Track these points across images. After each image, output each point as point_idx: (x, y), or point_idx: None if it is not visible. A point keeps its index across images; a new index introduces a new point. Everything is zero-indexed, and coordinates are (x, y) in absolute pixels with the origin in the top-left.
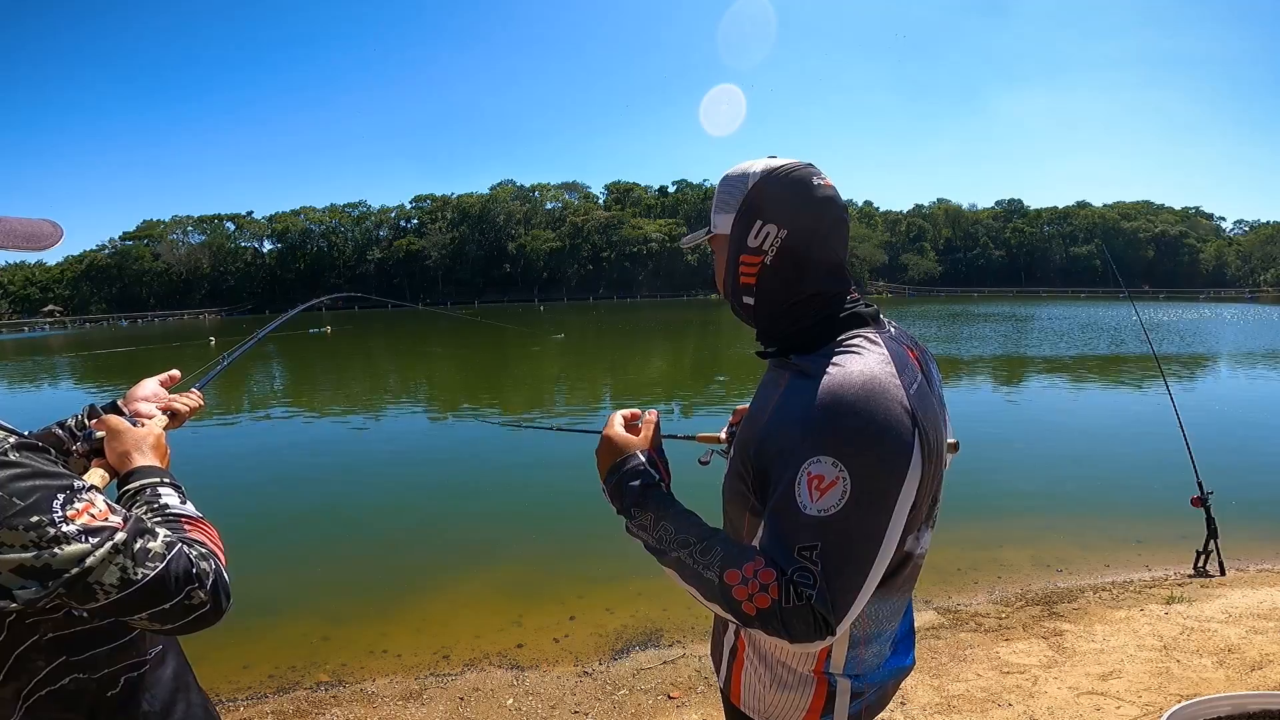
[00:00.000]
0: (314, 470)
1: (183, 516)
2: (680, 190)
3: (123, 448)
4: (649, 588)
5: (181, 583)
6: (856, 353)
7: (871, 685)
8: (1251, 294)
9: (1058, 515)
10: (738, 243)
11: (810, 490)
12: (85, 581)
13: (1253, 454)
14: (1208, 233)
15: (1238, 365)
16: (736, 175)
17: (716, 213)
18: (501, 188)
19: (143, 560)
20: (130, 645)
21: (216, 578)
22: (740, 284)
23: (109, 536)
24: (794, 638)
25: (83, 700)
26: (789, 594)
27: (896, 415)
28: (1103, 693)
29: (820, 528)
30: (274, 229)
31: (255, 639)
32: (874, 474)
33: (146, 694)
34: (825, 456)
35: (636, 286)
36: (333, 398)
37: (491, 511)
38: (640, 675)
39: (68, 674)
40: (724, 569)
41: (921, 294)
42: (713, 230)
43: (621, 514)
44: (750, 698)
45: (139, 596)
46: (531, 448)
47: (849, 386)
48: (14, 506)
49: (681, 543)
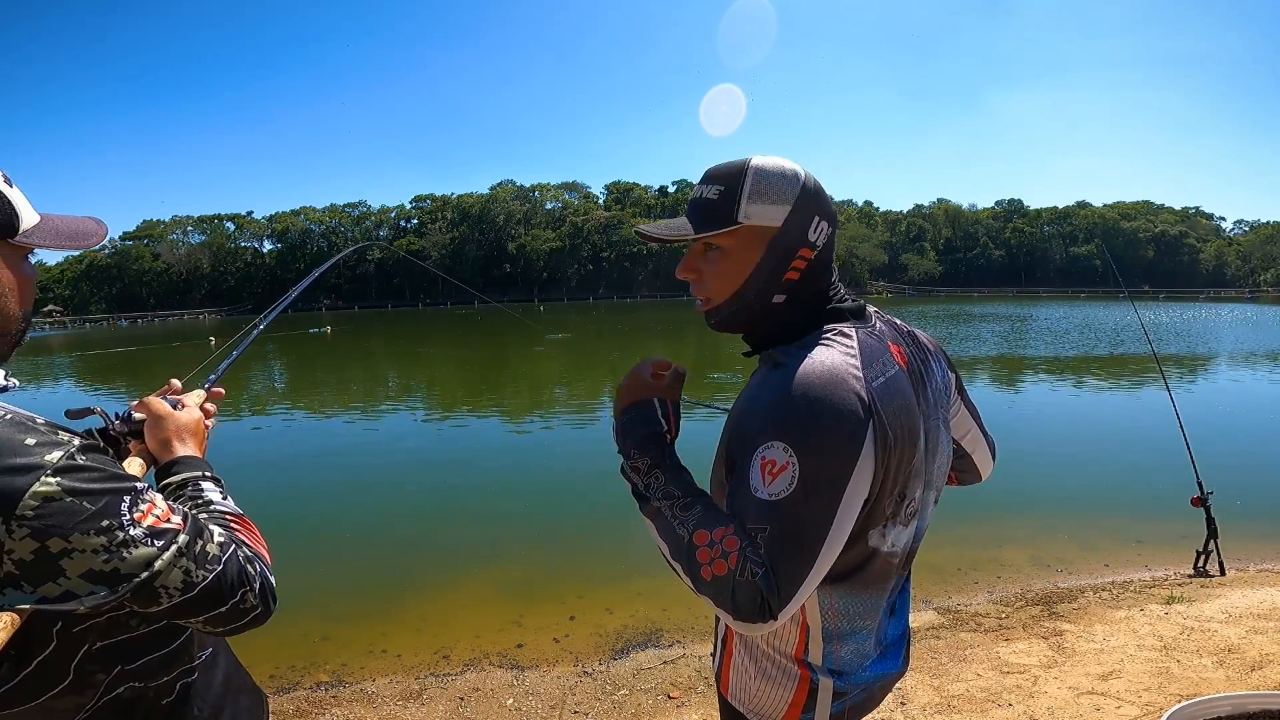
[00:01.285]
0: (313, 470)
1: (227, 514)
2: (680, 190)
3: (164, 434)
4: (649, 588)
5: (235, 586)
6: (824, 345)
7: (855, 686)
8: (1251, 294)
9: (1058, 515)
10: (795, 237)
11: (763, 474)
12: (152, 586)
13: (1253, 454)
14: (1208, 233)
15: (1238, 365)
16: (776, 168)
17: (753, 201)
18: (501, 188)
19: (203, 563)
20: (182, 650)
21: (263, 580)
22: (783, 280)
23: (173, 539)
24: (738, 614)
25: (139, 708)
26: (744, 566)
27: (849, 405)
28: (1103, 693)
29: (769, 511)
30: (274, 229)
31: (255, 639)
32: (822, 462)
33: (198, 699)
34: (777, 442)
35: (636, 286)
36: (333, 398)
37: (492, 511)
38: (640, 675)
39: (123, 683)
40: (696, 528)
41: (921, 294)
42: (743, 221)
43: (621, 454)
44: (738, 689)
45: (199, 600)
46: (532, 447)
47: (806, 376)
48: (85, 511)
49: (666, 494)
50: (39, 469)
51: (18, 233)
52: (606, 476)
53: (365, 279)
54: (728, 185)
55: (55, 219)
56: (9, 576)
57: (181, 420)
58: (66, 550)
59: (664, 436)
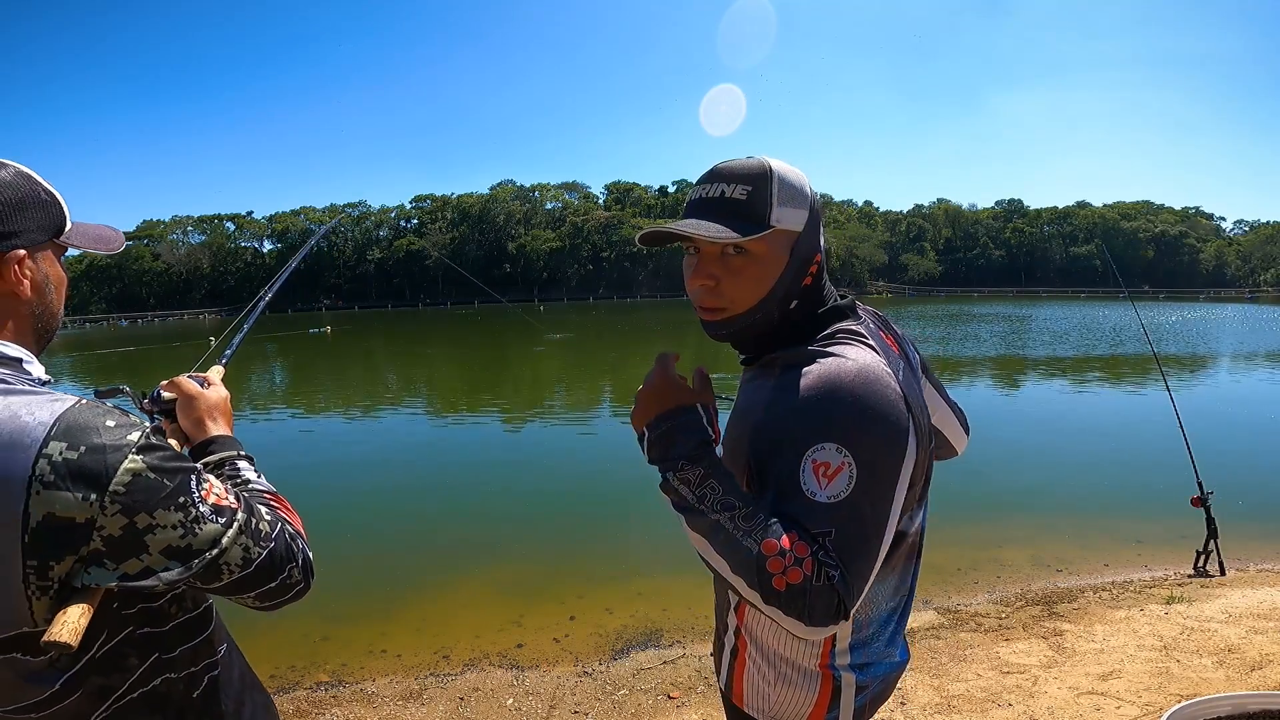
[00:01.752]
0: (313, 470)
1: (265, 493)
2: (680, 190)
3: (196, 414)
4: (649, 588)
5: (285, 561)
6: (846, 344)
7: (875, 678)
8: (1251, 294)
9: (1058, 515)
10: (812, 241)
11: (817, 477)
12: (218, 563)
13: (1253, 454)
14: (1208, 233)
15: (1238, 365)
16: (793, 174)
17: (782, 205)
18: (501, 188)
19: (258, 539)
20: (207, 643)
21: (304, 555)
22: (802, 285)
23: (234, 516)
24: (812, 619)
25: (172, 701)
26: (819, 572)
27: (892, 400)
28: (1103, 693)
29: (831, 513)
30: (274, 229)
31: (255, 639)
32: (878, 459)
33: (223, 693)
34: (829, 444)
35: (636, 287)
36: (333, 398)
37: (492, 511)
38: (640, 675)
39: (160, 674)
40: (765, 538)
41: (921, 294)
42: (775, 225)
43: (661, 463)
44: (754, 697)
45: (255, 575)
46: (532, 447)
47: (844, 375)
48: (165, 488)
49: (726, 505)
50: (125, 447)
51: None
52: (607, 476)
53: (365, 279)
54: (755, 186)
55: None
56: (94, 554)
57: (212, 399)
58: (151, 526)
59: (713, 445)
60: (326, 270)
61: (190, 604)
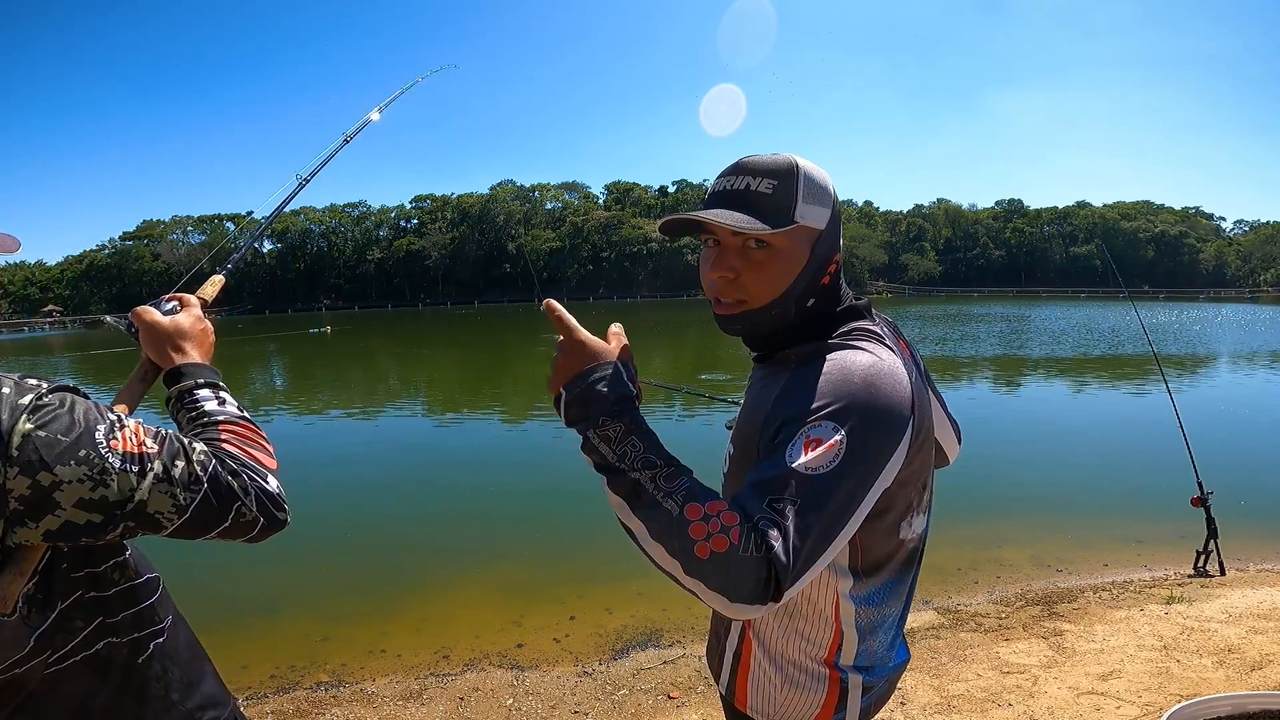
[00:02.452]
0: (313, 470)
1: (221, 422)
2: (680, 190)
3: (156, 344)
4: (649, 588)
5: (227, 500)
6: (867, 340)
7: (880, 679)
8: (1251, 294)
9: (1058, 515)
10: (832, 240)
11: (805, 448)
12: (145, 513)
13: (1253, 454)
14: (1208, 233)
15: (1238, 365)
16: (818, 173)
17: (806, 202)
18: (501, 188)
19: (185, 485)
20: (150, 610)
21: (259, 491)
22: (820, 284)
23: (148, 463)
24: (734, 595)
25: (114, 665)
26: (749, 540)
27: (901, 399)
28: (1103, 693)
29: (801, 483)
30: (274, 229)
31: (255, 639)
32: (867, 447)
33: (170, 661)
34: (828, 421)
35: (636, 286)
36: (332, 398)
37: (492, 511)
38: (640, 675)
39: (102, 638)
40: (687, 501)
41: (921, 294)
42: (799, 220)
43: (579, 424)
44: (759, 701)
45: (197, 520)
46: (532, 447)
47: (856, 365)
48: (59, 444)
49: (647, 463)
50: (17, 410)
51: None
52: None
53: (365, 279)
54: (781, 181)
55: None
56: (15, 514)
57: (171, 326)
58: (56, 483)
59: (633, 399)
60: (326, 270)
61: (133, 571)
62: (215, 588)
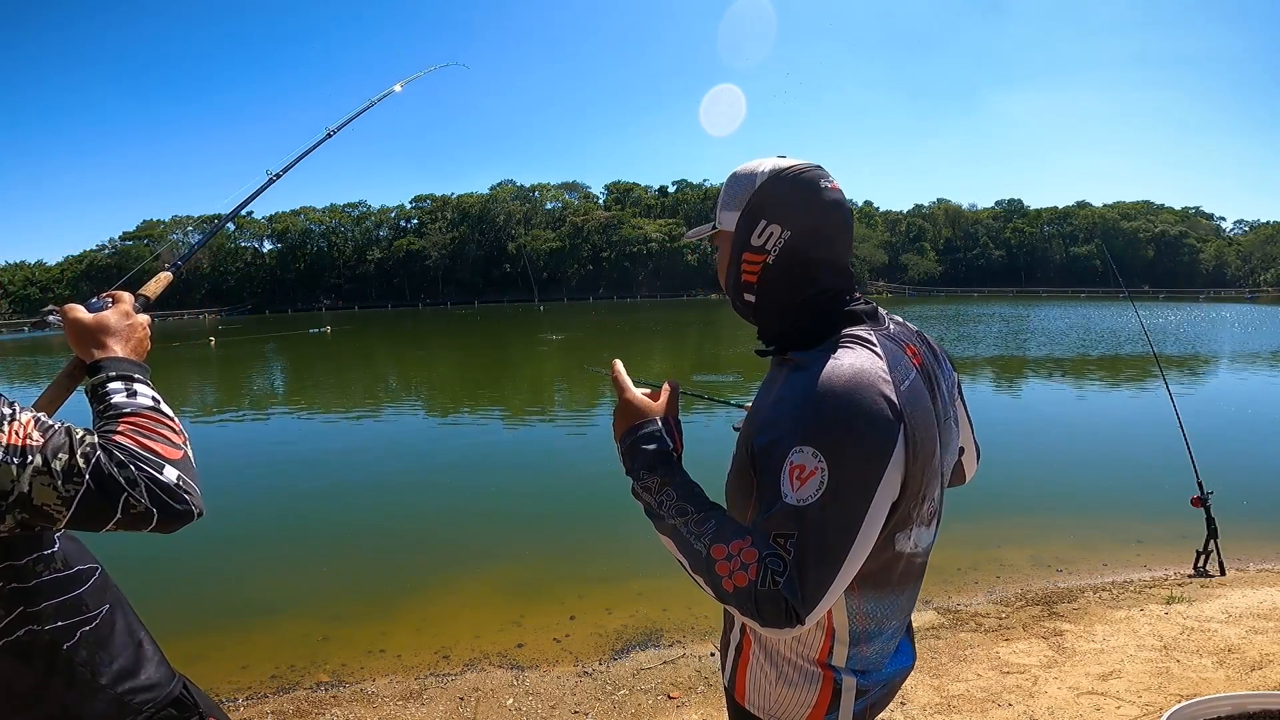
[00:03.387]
0: (314, 470)
1: (123, 415)
2: (680, 190)
3: (77, 339)
4: (649, 588)
5: (113, 493)
6: (849, 348)
7: (876, 683)
8: (1251, 294)
9: (1058, 515)
10: (741, 241)
11: (791, 479)
12: (32, 505)
13: (1253, 454)
14: (1208, 233)
15: (1238, 365)
16: (744, 174)
17: (722, 209)
18: (501, 188)
19: (69, 477)
20: (78, 601)
21: (149, 481)
22: (742, 281)
23: (28, 455)
24: (764, 621)
25: (37, 652)
26: (765, 575)
27: (880, 408)
28: (1103, 693)
29: (797, 517)
30: (274, 229)
31: (255, 639)
32: (852, 466)
33: (100, 647)
34: (807, 446)
35: (636, 286)
36: (332, 398)
37: (492, 511)
38: (640, 675)
39: (23, 625)
40: (713, 543)
41: (921, 294)
42: (717, 226)
43: (630, 475)
44: (756, 695)
45: (86, 513)
46: (532, 447)
47: (836, 379)
48: None
49: (680, 510)
50: None
51: None
52: (607, 476)
53: (365, 279)
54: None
55: None
56: None
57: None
58: None
59: (671, 454)
60: (326, 270)
61: (60, 564)
62: (216, 588)
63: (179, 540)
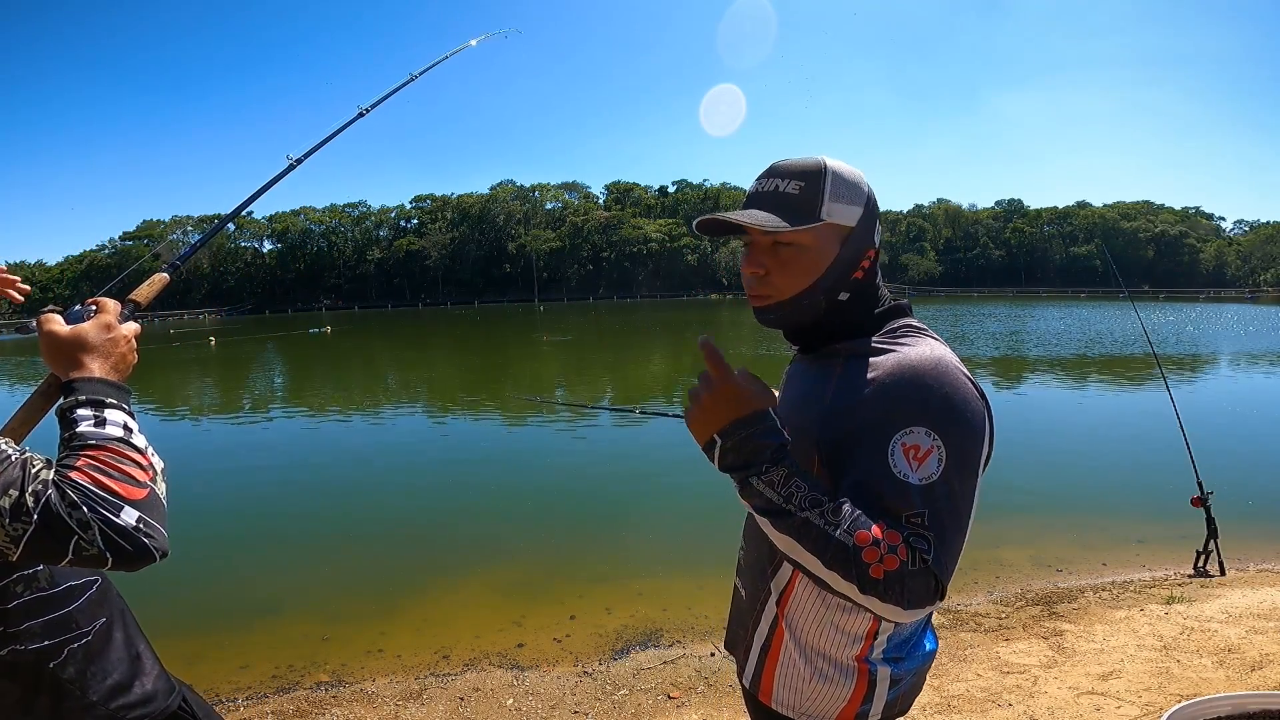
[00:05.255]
0: (314, 470)
1: (86, 447)
2: (680, 190)
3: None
4: (649, 588)
5: (63, 535)
6: (917, 337)
7: (908, 671)
8: (1251, 294)
9: (1058, 515)
10: (865, 237)
11: (908, 460)
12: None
13: (1253, 454)
14: (1208, 233)
15: (1238, 365)
16: (849, 172)
17: (832, 201)
18: (501, 188)
19: (17, 516)
20: (68, 618)
21: (102, 525)
22: (851, 278)
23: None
24: (910, 603)
25: (20, 670)
26: (914, 556)
27: (972, 391)
28: (1103, 693)
29: (925, 495)
30: (274, 229)
31: (255, 639)
32: (964, 442)
33: (92, 666)
34: (918, 428)
35: (636, 286)
36: (333, 398)
37: (492, 511)
38: (640, 675)
39: (5, 645)
40: (855, 530)
41: (921, 294)
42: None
43: (743, 470)
44: (785, 693)
45: (35, 551)
46: (532, 447)
47: (926, 365)
48: None
49: (814, 502)
50: None
51: None
52: (607, 476)
53: (365, 279)
54: (808, 181)
55: None
56: None
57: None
58: None
59: (787, 446)
60: (326, 270)
61: (44, 583)
62: (216, 588)
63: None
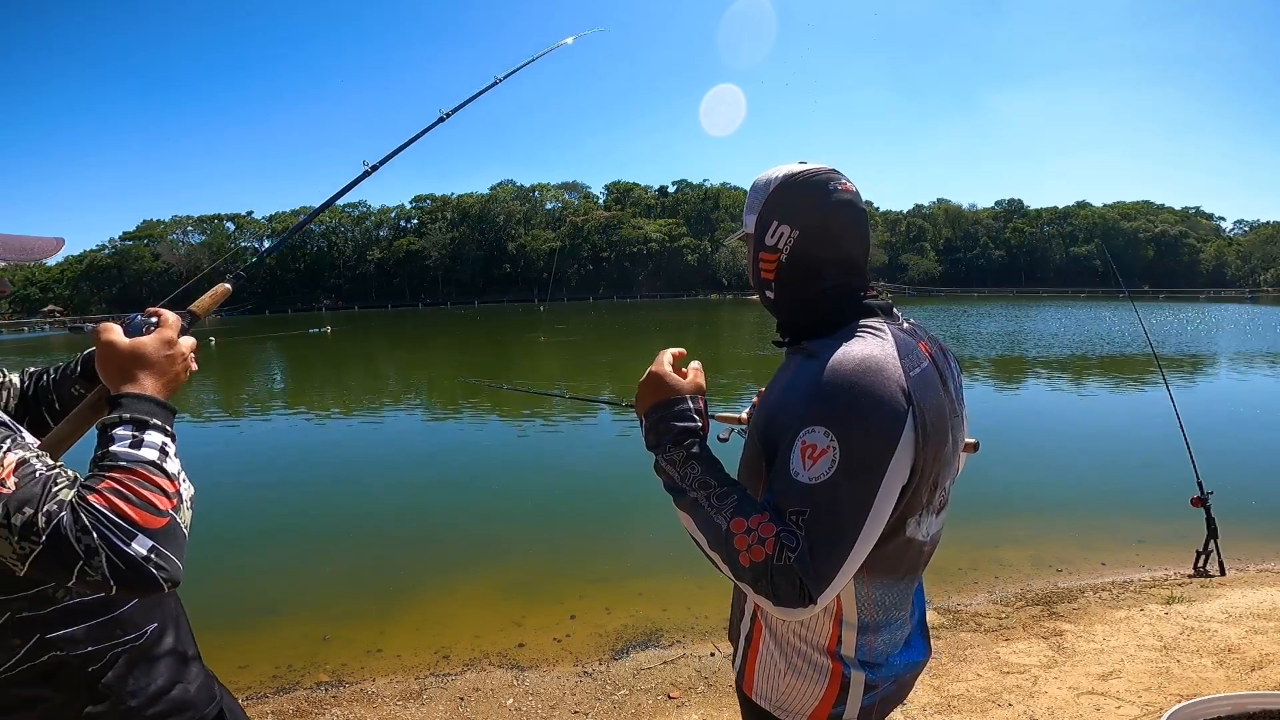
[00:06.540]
0: (314, 470)
1: (115, 468)
2: (680, 190)
3: (106, 366)
4: (649, 588)
5: (69, 559)
6: (860, 337)
7: (886, 678)
8: (1251, 294)
9: (1058, 515)
10: (757, 241)
11: (803, 458)
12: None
13: (1253, 454)
14: (1208, 233)
15: (1238, 365)
16: (762, 180)
17: (746, 213)
18: (501, 188)
19: (26, 535)
20: (115, 622)
21: (110, 551)
22: (761, 278)
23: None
24: (778, 600)
25: (63, 676)
26: (780, 550)
27: (890, 391)
28: (1103, 693)
29: (809, 494)
30: (274, 229)
31: (255, 639)
32: (863, 446)
33: (136, 670)
34: (818, 426)
35: (636, 286)
36: (332, 398)
37: (492, 511)
38: (640, 675)
39: (45, 651)
40: (733, 516)
41: (921, 294)
42: (744, 229)
43: (653, 449)
44: (764, 685)
45: (43, 571)
46: (532, 447)
47: (846, 363)
48: None
49: (703, 484)
50: None
51: None
52: (607, 476)
53: (365, 279)
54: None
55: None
56: None
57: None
58: None
59: (699, 432)
60: (326, 270)
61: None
62: (216, 587)
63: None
